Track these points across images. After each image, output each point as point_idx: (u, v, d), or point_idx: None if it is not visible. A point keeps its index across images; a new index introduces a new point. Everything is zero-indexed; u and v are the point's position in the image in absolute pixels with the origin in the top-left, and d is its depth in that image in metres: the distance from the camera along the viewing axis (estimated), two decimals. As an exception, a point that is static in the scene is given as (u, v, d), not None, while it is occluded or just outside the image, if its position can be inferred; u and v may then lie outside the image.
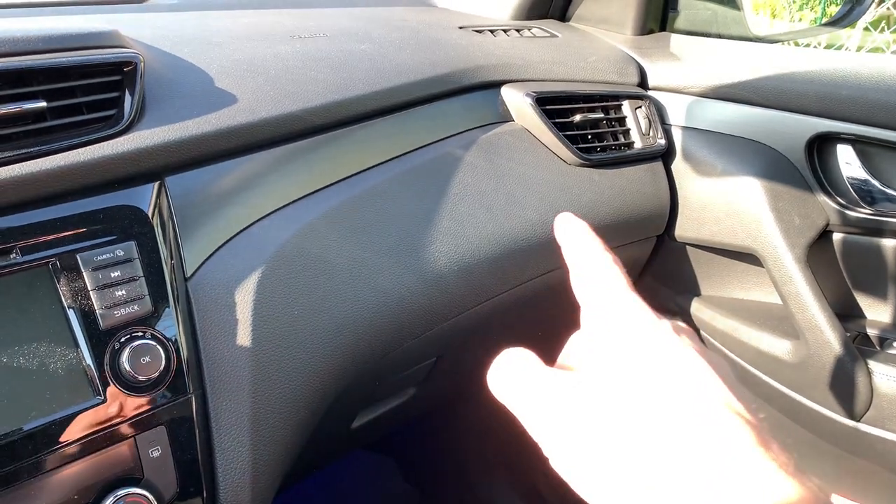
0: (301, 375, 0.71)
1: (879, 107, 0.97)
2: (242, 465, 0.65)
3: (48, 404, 0.56)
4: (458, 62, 1.00)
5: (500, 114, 1.02)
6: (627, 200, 1.08)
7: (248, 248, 0.71)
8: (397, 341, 0.84)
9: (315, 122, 0.80)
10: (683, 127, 1.15)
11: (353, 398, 0.88)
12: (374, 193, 0.83)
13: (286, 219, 0.75)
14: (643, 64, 1.20)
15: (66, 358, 0.58)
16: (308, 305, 0.73)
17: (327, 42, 0.94)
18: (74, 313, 0.58)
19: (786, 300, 1.04)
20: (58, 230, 0.59)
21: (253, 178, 0.75)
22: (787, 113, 1.06)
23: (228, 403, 0.65)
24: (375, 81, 0.88)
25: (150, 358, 0.60)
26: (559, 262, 1.12)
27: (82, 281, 0.59)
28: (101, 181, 0.63)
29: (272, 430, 0.68)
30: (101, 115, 0.64)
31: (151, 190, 0.65)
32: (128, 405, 0.60)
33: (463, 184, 0.91)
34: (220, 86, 0.75)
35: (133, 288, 0.61)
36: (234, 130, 0.72)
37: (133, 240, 0.62)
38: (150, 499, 0.59)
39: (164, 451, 0.61)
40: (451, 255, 0.86)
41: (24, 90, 0.59)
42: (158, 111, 0.68)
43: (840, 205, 1.05)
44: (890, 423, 0.98)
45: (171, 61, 0.77)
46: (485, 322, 0.98)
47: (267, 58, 0.84)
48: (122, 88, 0.65)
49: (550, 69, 1.09)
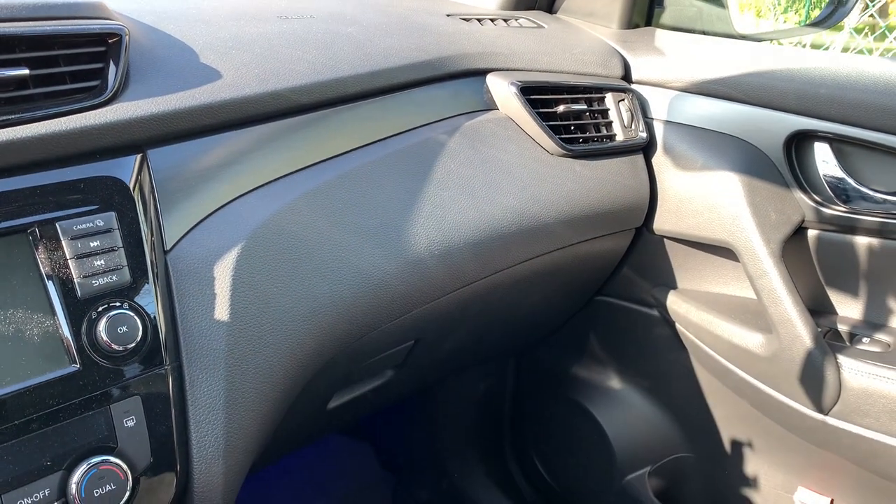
0: (277, 352, 0.71)
1: (857, 106, 0.98)
2: (216, 438, 0.66)
3: (23, 371, 0.56)
4: (444, 49, 1.00)
5: (484, 102, 1.03)
6: (607, 192, 1.10)
7: (229, 223, 0.71)
8: (375, 323, 0.85)
9: (299, 101, 0.81)
10: (665, 121, 1.16)
11: (329, 378, 0.89)
12: (356, 175, 0.83)
13: (267, 197, 0.75)
14: (627, 57, 1.21)
15: (42, 325, 0.58)
16: (286, 283, 0.73)
17: (314, 23, 0.94)
18: (52, 281, 0.58)
19: (760, 294, 1.05)
20: (38, 198, 0.59)
21: (235, 155, 0.75)
22: (766, 110, 1.08)
23: (204, 376, 0.65)
24: (361, 64, 0.88)
25: (128, 328, 0.61)
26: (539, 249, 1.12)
27: (61, 249, 0.59)
28: (83, 151, 0.63)
29: (247, 404, 0.69)
30: (85, 86, 0.64)
31: (133, 162, 0.66)
32: (103, 374, 0.60)
33: (445, 169, 0.91)
34: (204, 62, 0.76)
35: (112, 258, 0.61)
36: (217, 106, 0.72)
37: (113, 210, 0.62)
38: (123, 468, 0.60)
39: (139, 422, 0.62)
40: (432, 239, 0.87)
41: (7, 57, 0.59)
42: (142, 84, 0.68)
43: (816, 202, 1.07)
44: (857, 416, 1.00)
45: (157, 36, 0.77)
46: (463, 307, 0.99)
47: (253, 36, 0.84)
48: (107, 59, 0.65)
49: (536, 59, 1.10)
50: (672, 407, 1.34)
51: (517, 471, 1.62)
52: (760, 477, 1.23)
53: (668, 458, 1.36)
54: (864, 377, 0.99)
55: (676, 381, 1.29)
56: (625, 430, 1.38)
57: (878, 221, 1.01)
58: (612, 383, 1.39)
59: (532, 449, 1.57)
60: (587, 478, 1.45)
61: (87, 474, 0.58)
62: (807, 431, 1.08)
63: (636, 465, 1.36)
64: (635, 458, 1.36)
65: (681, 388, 1.29)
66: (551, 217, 1.01)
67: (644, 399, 1.37)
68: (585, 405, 1.41)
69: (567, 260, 1.11)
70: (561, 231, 1.04)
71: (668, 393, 1.34)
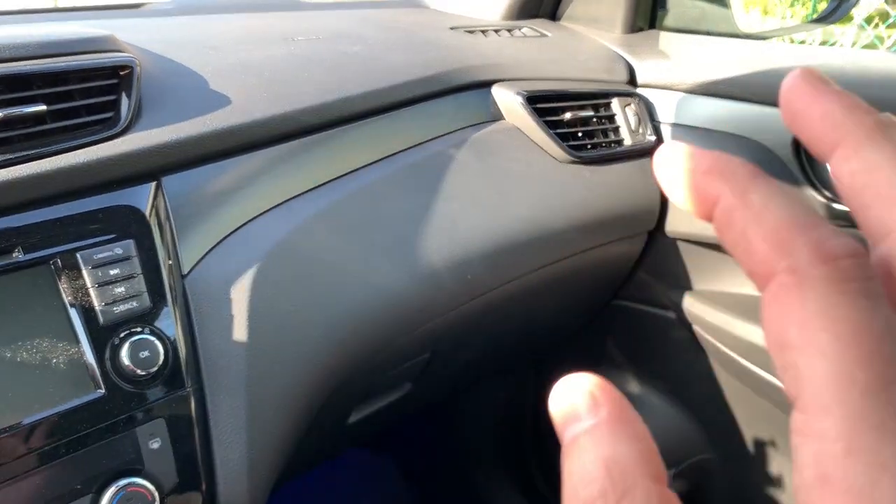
0: (296, 370, 0.73)
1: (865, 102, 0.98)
2: (240, 457, 0.67)
3: (51, 398, 0.58)
4: (449, 62, 1.01)
5: (491, 113, 1.04)
6: (618, 196, 1.10)
7: (244, 246, 0.72)
8: (391, 337, 0.86)
9: (309, 122, 0.82)
10: (673, 124, 1.17)
11: (348, 393, 0.90)
12: (366, 192, 0.85)
13: (280, 217, 0.77)
14: (632, 62, 1.21)
15: (67, 353, 0.59)
16: (302, 302, 0.74)
17: (320, 44, 0.96)
18: (75, 310, 0.60)
19: (775, 293, 1.05)
20: (58, 229, 0.61)
21: (248, 178, 0.76)
22: (774, 109, 1.08)
23: (225, 397, 0.67)
24: (368, 82, 0.90)
25: (149, 353, 0.62)
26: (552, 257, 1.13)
27: (82, 278, 0.61)
28: (100, 182, 0.65)
29: (269, 423, 0.70)
30: (99, 118, 0.65)
31: (148, 190, 0.67)
32: (128, 399, 0.61)
33: (455, 182, 0.92)
34: (214, 88, 0.77)
35: (132, 285, 0.63)
36: (228, 131, 0.74)
37: (131, 238, 0.64)
38: (150, 489, 0.61)
39: (164, 444, 0.63)
40: (444, 251, 0.88)
41: (25, 94, 0.61)
42: (155, 113, 0.70)
43: (827, 198, 1.06)
44: (878, 412, 1.00)
45: (167, 65, 0.78)
46: (478, 317, 1.00)
47: (261, 60, 0.86)
48: (119, 91, 0.67)
49: (541, 68, 1.11)
50: (693, 409, 1.34)
51: (540, 479, 1.62)
52: (785, 475, 1.23)
53: (690, 461, 1.36)
54: (884, 372, 0.98)
55: (696, 382, 1.29)
56: (646, 434, 1.38)
57: (891, 215, 1.01)
58: (632, 387, 1.39)
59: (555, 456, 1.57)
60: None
61: (116, 496, 0.59)
62: (829, 428, 1.07)
63: (659, 467, 1.36)
64: (658, 461, 1.36)
65: (701, 390, 1.29)
66: (563, 224, 1.02)
67: (664, 402, 1.36)
68: (606, 410, 1.40)
69: (581, 266, 1.12)
70: (573, 237, 1.05)
71: (688, 395, 1.33)
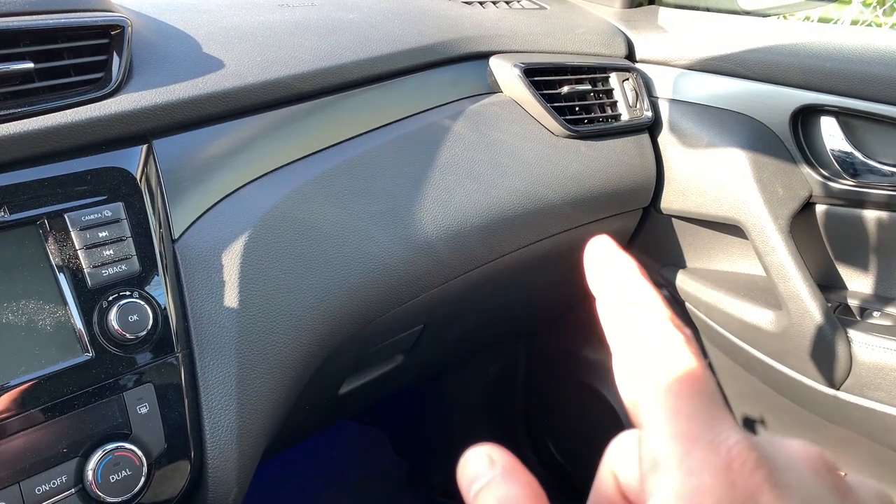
0: (287, 337, 0.72)
1: (862, 78, 0.98)
2: (229, 423, 0.67)
3: (37, 360, 0.57)
4: (446, 32, 1.00)
5: (488, 85, 1.03)
6: (614, 172, 1.09)
7: (236, 211, 0.71)
8: (384, 307, 0.85)
9: (303, 88, 0.81)
10: (670, 99, 1.16)
11: (340, 363, 0.90)
12: (362, 161, 0.84)
13: (273, 184, 0.76)
14: (631, 36, 1.20)
15: (54, 315, 0.59)
16: (294, 269, 0.74)
17: (315, 10, 0.94)
18: (63, 272, 0.59)
19: (768, 270, 1.05)
20: (46, 190, 0.60)
21: (240, 144, 0.75)
22: (772, 85, 1.07)
23: (215, 363, 0.66)
24: (363, 50, 0.88)
25: (138, 317, 0.61)
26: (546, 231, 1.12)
27: (70, 240, 0.60)
28: (89, 143, 0.64)
29: (258, 390, 0.69)
30: (89, 78, 0.64)
31: (139, 152, 0.66)
32: (116, 362, 0.61)
33: (451, 153, 0.91)
34: (207, 51, 0.76)
35: (120, 248, 0.62)
36: (221, 95, 0.72)
37: (121, 201, 0.63)
38: (137, 454, 0.60)
39: (152, 409, 0.62)
40: (439, 222, 0.87)
41: (12, 51, 0.60)
42: (146, 75, 0.68)
43: (823, 176, 1.06)
44: (868, 391, 1.00)
45: (159, 27, 0.77)
46: (472, 290, 0.99)
47: (255, 25, 0.84)
48: (110, 51, 0.66)
49: (539, 41, 1.10)
50: (683, 386, 1.34)
51: (530, 453, 1.63)
52: (773, 453, 1.23)
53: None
54: (875, 351, 0.99)
55: (687, 360, 1.29)
56: (637, 411, 1.38)
57: (886, 195, 1.01)
58: (623, 364, 1.39)
59: (545, 432, 1.57)
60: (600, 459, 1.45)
61: (103, 461, 0.59)
62: (818, 407, 1.08)
63: (648, 444, 1.37)
64: (647, 438, 1.37)
65: (691, 367, 1.29)
66: (558, 198, 1.01)
67: (655, 379, 1.37)
68: (597, 387, 1.41)
69: (575, 241, 1.11)
70: (568, 212, 1.04)
71: (678, 372, 1.33)
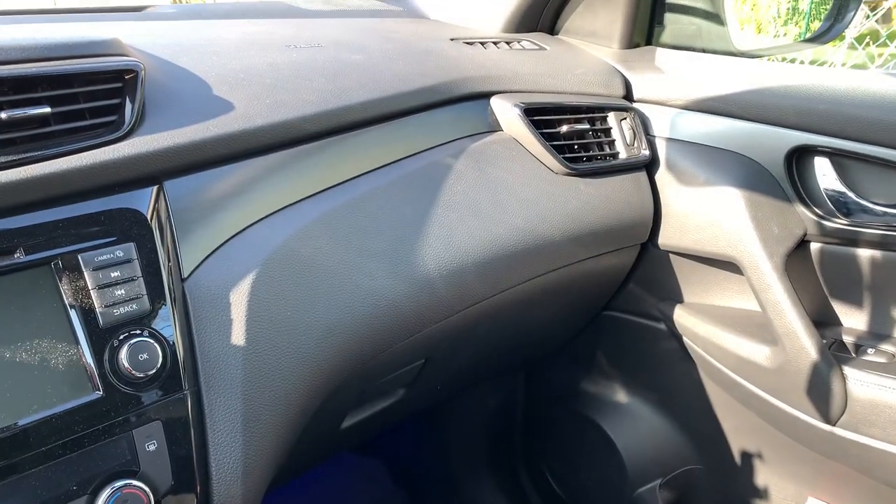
0: (292, 374, 0.73)
1: (854, 121, 1.00)
2: (235, 460, 0.68)
3: (49, 398, 0.58)
4: (448, 73, 1.02)
5: (489, 124, 1.05)
6: (612, 209, 1.11)
7: (243, 250, 0.73)
8: (386, 343, 0.87)
9: (309, 129, 0.83)
10: (667, 138, 1.18)
11: (342, 398, 0.91)
12: (365, 199, 0.86)
13: (280, 223, 0.78)
14: (629, 77, 1.23)
15: (66, 354, 0.60)
16: (300, 306, 0.75)
17: (321, 52, 0.97)
18: (75, 311, 0.61)
19: (764, 307, 1.07)
20: (60, 231, 0.61)
21: (248, 183, 0.77)
22: (767, 126, 1.09)
23: (222, 400, 0.67)
24: (368, 91, 0.91)
25: (148, 355, 0.63)
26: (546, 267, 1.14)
27: (83, 280, 0.61)
28: (102, 184, 0.65)
29: (264, 427, 0.70)
30: (103, 121, 0.66)
31: (150, 193, 0.68)
32: (126, 400, 0.62)
33: (452, 191, 0.93)
34: (217, 93, 0.78)
35: (132, 287, 0.63)
36: (230, 137, 0.74)
37: (132, 241, 0.64)
38: (145, 491, 0.61)
39: (160, 446, 0.63)
40: (440, 260, 0.89)
41: (30, 96, 0.62)
42: (158, 117, 0.70)
43: (817, 215, 1.08)
44: (864, 427, 1.01)
45: (171, 69, 0.79)
46: (472, 326, 1.01)
47: (263, 66, 0.87)
48: (124, 95, 0.67)
49: (539, 81, 1.12)
50: (681, 419, 1.35)
51: (529, 485, 1.63)
52: (770, 488, 1.24)
53: (678, 471, 1.37)
54: (871, 388, 1.00)
55: (685, 393, 1.30)
56: (635, 443, 1.39)
57: (879, 234, 1.03)
58: (621, 397, 1.40)
59: (543, 463, 1.58)
60: (598, 491, 1.45)
61: (112, 498, 0.60)
62: (815, 442, 1.09)
63: (647, 477, 1.37)
64: (646, 471, 1.37)
65: (689, 401, 1.31)
66: (557, 235, 1.03)
67: (653, 412, 1.38)
68: (595, 419, 1.42)
69: (574, 276, 1.13)
70: (567, 248, 1.06)
71: (676, 405, 1.35)
